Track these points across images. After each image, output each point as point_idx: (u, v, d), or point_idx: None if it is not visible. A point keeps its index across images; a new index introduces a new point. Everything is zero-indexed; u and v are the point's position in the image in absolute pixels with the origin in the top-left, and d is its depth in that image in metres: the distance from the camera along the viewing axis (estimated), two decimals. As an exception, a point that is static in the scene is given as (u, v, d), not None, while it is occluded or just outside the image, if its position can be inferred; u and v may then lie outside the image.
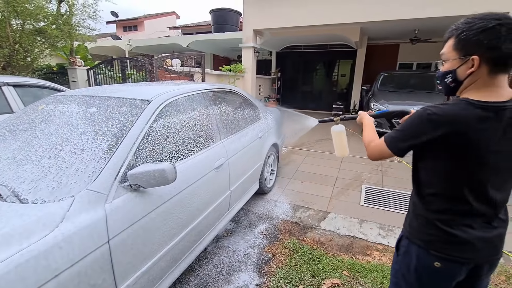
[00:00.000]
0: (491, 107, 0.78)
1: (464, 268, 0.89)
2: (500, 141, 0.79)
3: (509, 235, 2.46)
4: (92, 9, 6.46)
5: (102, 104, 1.64)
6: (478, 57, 0.78)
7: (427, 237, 0.91)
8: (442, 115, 0.80)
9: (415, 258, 0.94)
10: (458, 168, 0.84)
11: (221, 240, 2.37)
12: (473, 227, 0.85)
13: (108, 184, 1.19)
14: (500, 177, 0.84)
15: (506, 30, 0.75)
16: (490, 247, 0.88)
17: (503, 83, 0.81)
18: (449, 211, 0.87)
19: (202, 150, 1.86)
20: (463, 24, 0.82)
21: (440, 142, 0.82)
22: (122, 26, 22.08)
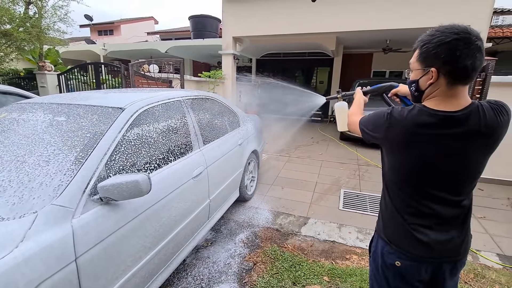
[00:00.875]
0: (440, 116, 0.82)
1: (423, 268, 0.91)
2: (447, 148, 0.83)
3: (475, 234, 2.60)
4: (63, 11, 6.19)
5: (71, 112, 1.55)
6: (436, 69, 0.82)
7: (389, 230, 0.98)
8: (398, 118, 0.86)
9: (380, 256, 1.00)
10: (408, 169, 0.89)
11: (201, 250, 2.30)
12: (430, 228, 0.89)
13: (76, 198, 1.12)
14: (452, 181, 0.87)
15: (463, 45, 0.77)
16: (447, 248, 0.90)
17: (462, 94, 0.84)
18: (408, 210, 0.92)
19: (180, 158, 1.81)
20: (426, 36, 0.85)
21: (392, 142, 0.90)
22: (97, 30, 21.32)
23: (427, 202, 0.89)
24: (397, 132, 0.87)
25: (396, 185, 0.95)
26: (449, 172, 0.85)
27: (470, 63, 0.78)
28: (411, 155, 0.86)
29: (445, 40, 0.79)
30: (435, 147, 0.83)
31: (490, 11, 5.22)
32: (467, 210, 0.92)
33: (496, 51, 8.27)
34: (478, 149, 0.84)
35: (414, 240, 0.90)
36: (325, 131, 7.74)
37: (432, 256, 0.90)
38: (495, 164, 3.71)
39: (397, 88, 1.25)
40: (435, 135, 0.82)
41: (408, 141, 0.85)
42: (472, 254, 2.30)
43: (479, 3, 5.14)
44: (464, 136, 0.82)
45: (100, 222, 1.16)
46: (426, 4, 5.39)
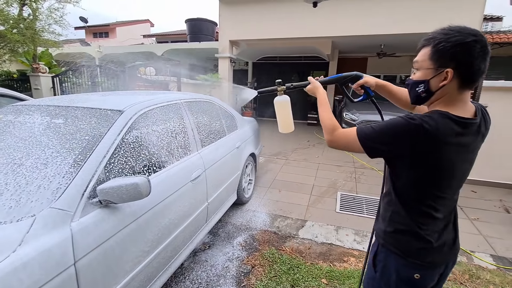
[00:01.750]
0: (466, 123, 0.80)
1: (437, 273, 0.92)
2: (466, 153, 0.84)
3: (469, 236, 2.64)
4: (59, 13, 6.15)
5: (69, 114, 1.54)
6: (451, 70, 0.78)
7: (405, 244, 0.91)
8: (431, 130, 0.77)
9: (394, 272, 0.93)
10: (433, 180, 0.84)
11: (199, 254, 2.29)
12: (441, 231, 0.90)
13: (75, 201, 1.11)
14: (457, 185, 0.89)
15: (480, 48, 0.75)
16: (454, 245, 0.94)
17: (468, 98, 0.83)
18: (422, 219, 0.88)
19: (178, 161, 1.80)
20: (440, 35, 0.80)
21: (423, 156, 0.81)
22: (92, 33, 21.19)
23: (439, 207, 0.87)
24: (431, 145, 0.78)
25: (415, 197, 0.88)
26: (462, 175, 0.87)
27: (483, 67, 0.77)
28: (440, 165, 0.81)
29: (464, 40, 0.75)
30: (460, 154, 0.81)
31: (481, 18, 5.36)
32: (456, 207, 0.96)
33: (486, 56, 8.45)
34: (477, 152, 0.88)
35: (430, 247, 0.88)
36: (321, 134, 7.78)
37: (446, 258, 0.92)
38: (487, 167, 3.81)
39: (363, 79, 1.13)
40: (461, 143, 0.80)
41: (441, 152, 0.79)
42: (466, 255, 2.33)
43: (470, 10, 5.27)
44: (478, 142, 0.85)
45: (99, 225, 1.15)
46: (419, 11, 5.51)
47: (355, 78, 1.15)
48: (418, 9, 5.52)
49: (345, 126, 5.87)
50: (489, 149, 3.76)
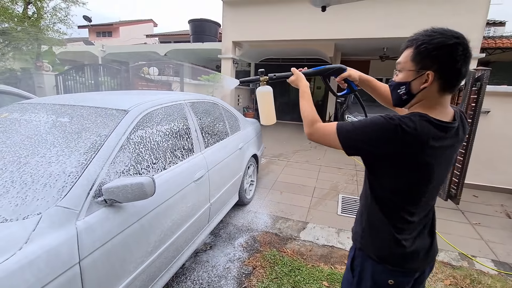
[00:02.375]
0: (445, 127, 0.78)
1: (411, 279, 0.91)
2: (445, 158, 0.83)
3: (471, 240, 2.63)
4: (64, 13, 6.18)
5: (74, 113, 1.55)
6: (432, 72, 0.76)
7: (381, 249, 0.90)
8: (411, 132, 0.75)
9: (370, 277, 0.91)
10: (412, 185, 0.83)
11: (200, 254, 2.29)
12: (417, 237, 0.89)
13: (81, 200, 1.11)
14: (435, 189, 0.88)
15: (462, 50, 0.74)
16: (430, 252, 0.92)
17: (448, 102, 0.82)
18: (399, 224, 0.87)
19: (182, 161, 1.81)
20: (423, 36, 0.78)
21: (403, 159, 0.79)
22: (95, 32, 21.28)
23: (414, 210, 0.86)
24: (408, 147, 0.76)
25: (391, 200, 0.87)
26: (439, 179, 0.86)
27: (464, 70, 0.76)
28: (418, 168, 0.80)
29: (447, 43, 0.74)
30: (438, 158, 0.80)
31: (484, 22, 5.36)
32: (434, 210, 0.95)
33: (488, 61, 8.46)
34: (455, 154, 0.87)
35: (404, 252, 0.87)
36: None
37: (421, 264, 0.91)
38: (489, 171, 3.80)
39: (346, 72, 1.10)
40: (440, 147, 0.79)
41: (419, 155, 0.78)
42: (468, 260, 2.33)
43: (473, 14, 5.28)
44: (455, 145, 0.83)
45: (104, 224, 1.16)
46: (423, 15, 5.52)
47: (339, 70, 1.12)
48: (422, 13, 5.53)
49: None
50: (491, 154, 3.78)
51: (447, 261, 2.30)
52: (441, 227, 2.82)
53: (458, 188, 2.95)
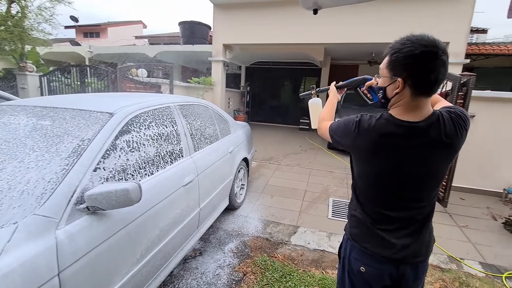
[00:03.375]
0: (408, 127, 0.84)
1: (387, 272, 0.93)
2: (411, 157, 0.86)
3: (459, 243, 2.67)
4: (49, 12, 6.01)
5: (56, 116, 1.48)
6: (402, 80, 0.82)
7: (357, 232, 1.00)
8: (365, 127, 0.87)
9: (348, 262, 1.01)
10: (374, 176, 0.91)
11: (189, 261, 2.23)
12: (394, 231, 0.92)
13: (61, 208, 1.05)
14: (415, 188, 0.89)
15: (430, 59, 0.78)
16: (410, 250, 0.92)
17: (425, 105, 0.86)
18: (374, 215, 0.94)
19: (171, 166, 1.76)
20: (398, 44, 0.84)
21: (360, 150, 0.91)
22: (82, 32, 20.84)
23: (392, 207, 0.92)
24: (364, 141, 0.88)
25: (364, 190, 0.97)
26: (412, 180, 0.88)
27: (434, 77, 0.80)
28: (377, 163, 0.89)
29: (414, 52, 0.79)
30: (399, 156, 0.86)
31: (468, 29, 5.54)
32: (427, 214, 0.95)
33: (472, 67, 8.74)
34: (440, 158, 0.87)
35: (380, 240, 0.93)
36: (313, 140, 7.83)
37: (396, 258, 0.92)
38: (475, 175, 3.89)
39: (371, 81, 1.22)
40: (399, 145, 0.85)
41: (375, 150, 0.87)
42: (456, 263, 2.36)
43: (458, 22, 5.45)
44: (427, 146, 0.85)
45: (86, 233, 1.10)
46: (409, 21, 5.65)
47: (364, 81, 1.26)
48: (408, 19, 5.66)
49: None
50: (477, 158, 3.88)
51: (436, 264, 2.32)
52: (429, 230, 2.86)
53: (446, 191, 3.00)
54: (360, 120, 0.89)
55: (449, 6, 5.45)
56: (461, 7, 5.42)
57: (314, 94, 1.47)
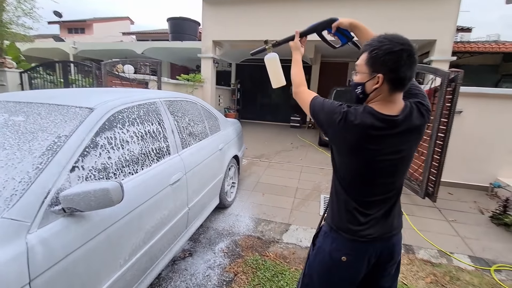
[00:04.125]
0: (386, 120, 0.89)
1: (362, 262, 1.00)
2: (391, 146, 0.92)
3: (448, 237, 2.69)
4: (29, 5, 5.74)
5: (31, 111, 1.37)
6: (382, 75, 0.86)
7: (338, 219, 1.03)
8: (352, 121, 0.89)
9: (328, 253, 1.04)
10: (358, 166, 0.96)
11: (178, 262, 2.16)
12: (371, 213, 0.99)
13: (33, 210, 0.96)
14: (393, 171, 0.97)
15: (406, 57, 0.83)
16: (385, 228, 1.01)
17: (399, 99, 0.93)
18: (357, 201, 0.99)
19: (156, 164, 1.68)
20: (376, 42, 0.87)
21: (345, 143, 0.94)
22: (67, 28, 20.17)
23: (373, 193, 0.98)
24: (352, 135, 0.91)
25: (347, 180, 1.00)
26: (392, 165, 0.95)
27: (409, 74, 0.86)
28: (362, 155, 0.93)
29: (393, 49, 0.83)
30: (382, 147, 0.91)
31: (454, 28, 5.63)
32: (398, 192, 1.04)
33: (458, 64, 8.94)
34: (411, 143, 0.96)
35: (361, 224, 0.98)
36: (304, 137, 7.83)
37: (374, 236, 0.99)
38: (462, 169, 3.96)
39: (337, 22, 1.16)
40: (382, 136, 0.90)
41: (361, 143, 0.91)
42: (446, 257, 2.38)
43: (444, 20, 5.52)
44: (403, 134, 0.92)
45: (61, 236, 1.02)
46: (397, 19, 5.70)
47: (331, 22, 1.18)
48: (396, 17, 5.71)
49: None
50: (464, 152, 3.94)
51: (427, 259, 2.33)
52: (420, 225, 2.88)
53: (435, 186, 3.03)
54: (347, 113, 0.91)
55: (436, 4, 5.52)
56: (447, 6, 5.49)
57: (270, 48, 1.30)
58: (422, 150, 3.43)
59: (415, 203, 3.41)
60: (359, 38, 1.18)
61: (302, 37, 1.25)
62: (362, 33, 1.15)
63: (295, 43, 1.24)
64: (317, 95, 1.06)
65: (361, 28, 1.14)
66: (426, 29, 5.61)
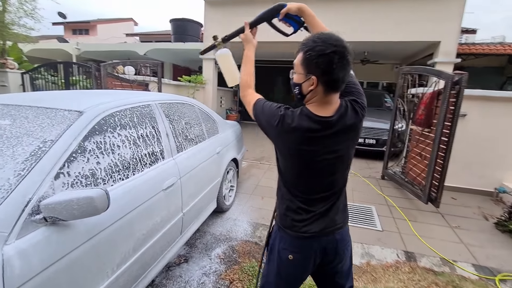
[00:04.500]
0: (321, 121, 0.90)
1: (308, 261, 1.03)
2: (327, 146, 0.93)
3: (451, 244, 2.61)
4: (30, 6, 5.76)
5: (18, 114, 1.34)
6: (316, 77, 0.86)
7: (282, 217, 1.06)
8: (289, 124, 0.91)
9: (277, 252, 1.07)
10: (297, 167, 0.98)
11: (173, 268, 2.11)
12: (316, 210, 1.01)
13: (11, 219, 0.92)
14: (333, 170, 0.98)
15: (338, 58, 0.83)
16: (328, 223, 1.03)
17: (334, 99, 0.93)
18: (301, 199, 1.01)
19: (149, 169, 1.63)
20: (311, 42, 0.87)
21: (284, 145, 0.97)
22: (71, 29, 20.32)
23: (315, 191, 1.00)
24: (290, 137, 0.93)
25: (290, 180, 1.03)
26: (330, 164, 0.97)
27: (342, 75, 0.86)
28: (301, 156, 0.95)
29: (325, 52, 0.83)
30: (319, 148, 0.93)
31: (459, 29, 5.54)
32: (341, 188, 1.05)
33: (462, 66, 8.82)
34: (348, 142, 0.97)
35: (305, 221, 1.01)
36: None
37: (318, 231, 1.01)
38: (466, 174, 3.87)
39: (287, 7, 1.11)
40: (318, 137, 0.92)
41: (299, 145, 0.93)
42: (449, 265, 2.30)
43: (449, 22, 5.43)
44: (338, 134, 0.93)
45: (42, 247, 0.97)
46: (402, 21, 5.62)
47: (279, 8, 1.13)
48: (402, 19, 5.63)
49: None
50: (467, 156, 3.85)
51: (429, 267, 2.26)
52: (422, 231, 2.80)
53: (439, 191, 2.95)
54: (284, 116, 0.92)
55: (441, 6, 5.43)
56: (452, 7, 5.41)
57: (220, 44, 1.21)
58: (425, 154, 3.36)
59: (417, 208, 3.33)
60: (308, 25, 1.16)
61: (252, 28, 1.18)
62: (311, 20, 1.14)
63: (245, 35, 1.18)
64: (260, 97, 1.05)
65: (310, 14, 1.12)
66: (430, 31, 5.53)
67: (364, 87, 10.23)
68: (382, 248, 2.50)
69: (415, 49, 7.29)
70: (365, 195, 3.72)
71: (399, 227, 2.88)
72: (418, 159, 3.56)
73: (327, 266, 1.08)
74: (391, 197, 3.68)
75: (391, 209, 3.28)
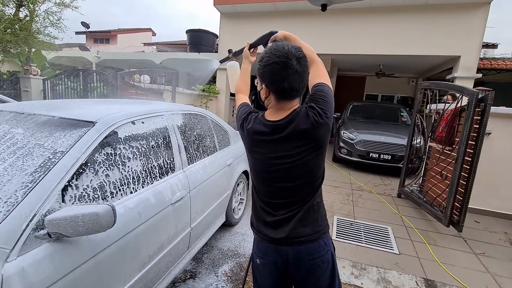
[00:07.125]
0: (269, 125, 0.96)
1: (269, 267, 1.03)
2: (275, 150, 0.96)
3: (477, 273, 2.41)
4: (56, 16, 6.03)
5: (32, 124, 1.33)
6: (265, 86, 0.93)
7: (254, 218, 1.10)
8: (247, 124, 1.00)
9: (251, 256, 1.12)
10: (253, 167, 1.04)
11: (178, 285, 2.03)
12: (274, 215, 1.01)
13: (15, 235, 0.88)
14: (286, 176, 0.97)
15: (280, 69, 0.87)
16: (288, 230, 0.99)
17: (288, 106, 0.96)
18: (263, 201, 1.05)
19: (158, 181, 1.59)
20: (263, 53, 0.93)
21: (244, 143, 1.05)
22: (93, 38, 21.23)
23: (273, 195, 1.02)
24: (247, 138, 1.01)
25: (253, 181, 1.08)
26: (285, 169, 0.97)
27: (287, 84, 0.89)
28: (254, 157, 1.01)
29: (268, 62, 0.89)
30: (269, 150, 0.97)
31: (480, 44, 5.37)
32: (303, 200, 1.00)
33: (483, 82, 8.53)
34: (304, 148, 0.93)
35: (265, 224, 1.03)
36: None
37: (274, 237, 1.01)
38: (490, 196, 3.64)
39: (276, 34, 1.23)
40: (267, 141, 0.96)
41: (252, 146, 1.00)
42: (474, 297, 2.11)
43: (470, 36, 5.29)
44: (288, 139, 0.94)
45: (44, 265, 0.93)
46: (420, 35, 5.51)
47: (270, 35, 1.26)
48: (420, 32, 5.53)
49: (343, 145, 5.70)
50: (492, 177, 3.62)
51: (452, 299, 2.08)
52: (443, 257, 2.61)
53: (461, 214, 2.77)
54: (245, 119, 1.02)
55: (461, 21, 5.30)
56: (473, 22, 5.27)
57: (231, 57, 1.51)
58: (446, 173, 3.19)
59: (437, 231, 3.13)
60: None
61: (251, 48, 1.34)
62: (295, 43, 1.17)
63: (244, 52, 1.34)
64: (243, 102, 1.13)
65: (292, 39, 1.19)
66: (450, 45, 5.39)
67: (379, 99, 10.05)
68: (400, 274, 2.34)
69: (433, 63, 7.12)
70: (380, 214, 3.55)
71: (418, 251, 2.70)
72: (438, 179, 3.37)
73: (295, 279, 1.04)
74: (408, 217, 3.49)
75: (409, 231, 3.10)
